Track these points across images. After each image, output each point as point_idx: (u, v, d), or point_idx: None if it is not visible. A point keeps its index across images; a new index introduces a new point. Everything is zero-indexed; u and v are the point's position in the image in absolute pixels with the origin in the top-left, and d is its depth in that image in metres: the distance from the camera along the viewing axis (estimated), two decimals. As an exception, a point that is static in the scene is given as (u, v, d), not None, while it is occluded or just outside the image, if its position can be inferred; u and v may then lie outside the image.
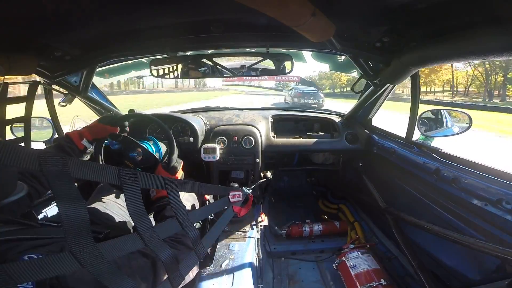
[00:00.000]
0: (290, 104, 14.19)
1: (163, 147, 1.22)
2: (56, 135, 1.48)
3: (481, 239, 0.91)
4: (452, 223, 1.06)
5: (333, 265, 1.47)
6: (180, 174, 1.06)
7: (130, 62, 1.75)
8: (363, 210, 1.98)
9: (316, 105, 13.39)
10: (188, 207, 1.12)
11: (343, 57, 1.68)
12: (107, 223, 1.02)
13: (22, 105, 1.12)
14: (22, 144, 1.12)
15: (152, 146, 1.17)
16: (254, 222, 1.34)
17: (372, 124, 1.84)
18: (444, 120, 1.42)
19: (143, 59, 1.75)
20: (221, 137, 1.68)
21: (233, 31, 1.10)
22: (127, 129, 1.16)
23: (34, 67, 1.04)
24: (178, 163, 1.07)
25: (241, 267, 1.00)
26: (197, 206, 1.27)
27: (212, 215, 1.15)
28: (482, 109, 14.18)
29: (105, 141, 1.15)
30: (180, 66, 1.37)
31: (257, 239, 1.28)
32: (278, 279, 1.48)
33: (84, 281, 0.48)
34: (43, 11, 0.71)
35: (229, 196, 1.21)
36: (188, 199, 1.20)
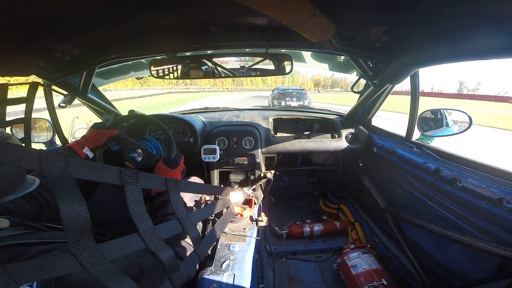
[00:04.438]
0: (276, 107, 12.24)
1: (163, 148, 1.22)
2: (56, 136, 1.48)
3: (482, 238, 0.91)
4: (453, 222, 1.06)
5: (334, 265, 1.47)
6: (181, 168, 1.05)
7: (129, 63, 1.75)
8: (363, 210, 1.98)
9: (305, 109, 11.44)
10: (189, 206, 1.12)
11: (342, 57, 1.68)
12: (108, 224, 1.02)
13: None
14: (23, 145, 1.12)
15: (151, 146, 1.17)
16: (254, 222, 1.34)
17: (372, 124, 1.84)
18: (444, 119, 1.42)
19: (143, 60, 1.75)
20: (221, 137, 1.68)
21: (233, 31, 1.10)
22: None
23: (34, 68, 1.04)
24: (179, 157, 1.06)
25: (241, 267, 1.00)
26: (197, 205, 1.27)
27: (213, 215, 1.15)
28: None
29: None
30: (179, 66, 1.37)
31: (258, 239, 1.28)
32: (278, 279, 1.48)
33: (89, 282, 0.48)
34: (43, 12, 0.71)
35: (229, 197, 1.21)
36: (191, 199, 1.20)
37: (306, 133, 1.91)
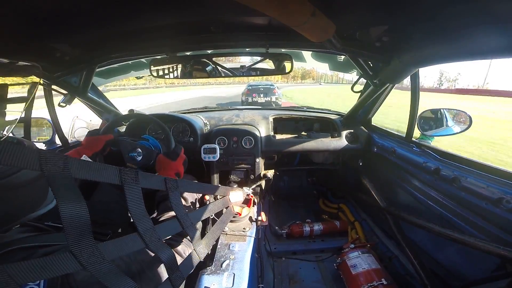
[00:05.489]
0: (245, 104, 10.49)
1: (162, 147, 1.22)
2: (56, 136, 1.48)
3: (481, 238, 0.91)
4: (452, 222, 1.06)
5: (334, 264, 1.47)
6: (183, 159, 1.05)
7: (129, 62, 1.75)
8: (363, 209, 1.98)
9: (273, 104, 9.84)
10: (188, 205, 1.12)
11: (342, 57, 1.68)
12: (108, 223, 1.02)
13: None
14: None
15: (149, 145, 1.17)
16: (254, 222, 1.34)
17: (372, 123, 1.84)
18: (444, 119, 1.42)
19: (143, 60, 1.75)
20: (221, 137, 1.68)
21: (233, 31, 1.10)
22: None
23: (34, 67, 1.04)
24: (179, 148, 1.06)
25: (241, 267, 1.00)
26: (197, 203, 1.27)
27: (213, 214, 1.15)
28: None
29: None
30: (179, 66, 1.37)
31: (258, 239, 1.28)
32: (278, 279, 1.48)
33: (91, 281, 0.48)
34: (43, 12, 0.71)
35: (229, 196, 1.21)
36: (187, 198, 1.21)
37: (305, 132, 1.91)
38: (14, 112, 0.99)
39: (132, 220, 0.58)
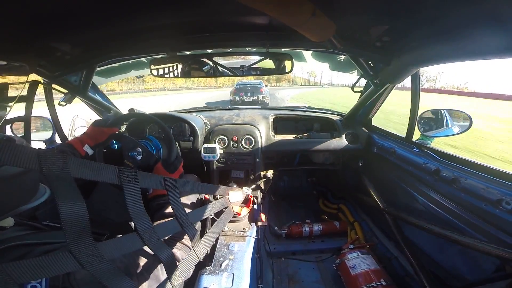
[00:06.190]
0: (233, 103, 10.82)
1: (163, 147, 1.22)
2: (57, 135, 1.48)
3: (481, 239, 0.91)
4: (452, 223, 1.06)
5: (333, 265, 1.47)
6: (180, 173, 1.05)
7: (130, 61, 1.75)
8: (363, 210, 1.98)
9: (260, 104, 10.04)
10: (188, 205, 1.12)
11: (343, 57, 1.67)
12: (107, 223, 1.02)
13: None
14: None
15: (151, 145, 1.17)
16: (254, 222, 1.34)
17: (372, 123, 1.84)
18: (444, 120, 1.41)
19: (143, 59, 1.75)
20: (221, 136, 1.68)
21: (233, 31, 1.10)
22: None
23: (34, 66, 1.04)
24: (178, 161, 1.06)
25: (240, 267, 1.00)
26: (197, 205, 1.27)
27: (212, 214, 1.15)
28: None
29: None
30: (180, 65, 1.37)
31: (257, 239, 1.28)
32: (278, 279, 1.48)
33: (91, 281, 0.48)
34: (43, 11, 0.71)
35: (229, 196, 1.21)
36: (188, 198, 1.21)
37: (306, 132, 1.90)
38: (6, 108, 1.00)
39: (131, 220, 0.58)
